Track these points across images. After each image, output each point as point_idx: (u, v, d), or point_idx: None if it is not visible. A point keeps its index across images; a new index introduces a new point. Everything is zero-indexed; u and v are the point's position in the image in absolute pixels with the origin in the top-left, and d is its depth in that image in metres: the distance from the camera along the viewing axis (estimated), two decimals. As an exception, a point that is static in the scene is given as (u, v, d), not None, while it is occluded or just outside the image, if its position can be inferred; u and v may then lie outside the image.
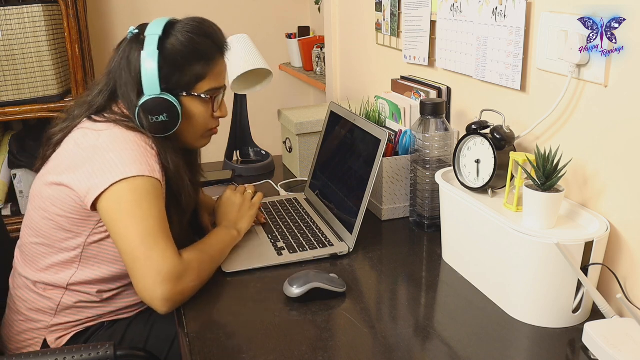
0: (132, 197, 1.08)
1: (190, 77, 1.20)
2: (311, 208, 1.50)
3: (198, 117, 1.24)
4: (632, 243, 1.01)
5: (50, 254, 1.20)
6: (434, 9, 1.53)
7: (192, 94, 1.21)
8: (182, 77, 1.19)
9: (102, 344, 1.03)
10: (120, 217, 1.08)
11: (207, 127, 1.27)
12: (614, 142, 1.02)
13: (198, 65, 1.21)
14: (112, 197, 1.09)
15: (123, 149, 1.11)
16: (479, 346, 0.96)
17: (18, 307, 1.24)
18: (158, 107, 1.16)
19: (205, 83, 1.22)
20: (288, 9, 3.15)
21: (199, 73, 1.21)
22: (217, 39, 1.25)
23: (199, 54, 1.21)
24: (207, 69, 1.22)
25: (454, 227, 1.19)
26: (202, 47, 1.21)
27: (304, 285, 1.09)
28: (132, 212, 1.08)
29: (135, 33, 1.21)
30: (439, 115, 1.33)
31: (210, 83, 1.23)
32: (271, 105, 2.76)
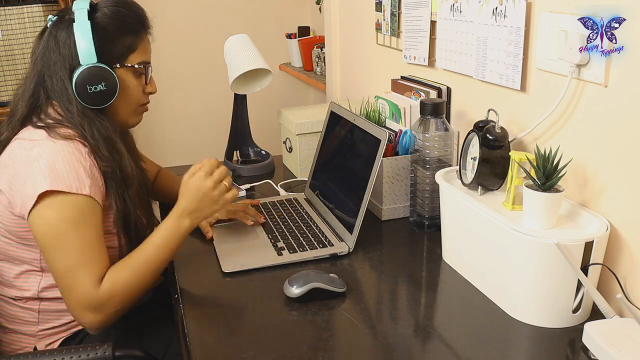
0: (59, 222, 1.09)
1: (121, 49, 1.21)
2: (311, 208, 1.50)
3: (132, 90, 1.24)
4: (632, 243, 1.01)
5: (12, 266, 1.20)
6: (434, 9, 1.53)
7: (125, 65, 1.22)
8: (114, 48, 1.20)
9: (101, 345, 1.03)
10: (46, 245, 1.10)
11: (139, 102, 1.28)
12: (614, 142, 1.02)
13: (128, 37, 1.22)
14: (41, 221, 1.09)
15: (55, 161, 1.10)
16: (479, 346, 0.96)
17: (1, 322, 1.23)
18: (96, 76, 1.16)
19: (136, 55, 1.24)
20: (288, 9, 3.15)
21: (130, 44, 1.22)
22: (141, 15, 1.27)
23: (128, 26, 1.22)
24: (136, 41, 1.24)
25: (454, 227, 1.19)
26: (130, 19, 1.23)
27: (304, 286, 1.09)
28: (59, 242, 1.09)
29: (57, 17, 1.22)
30: (439, 115, 1.33)
31: (140, 55, 1.25)
32: (271, 105, 2.76)
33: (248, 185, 1.70)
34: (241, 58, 1.73)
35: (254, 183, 1.73)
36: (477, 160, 1.14)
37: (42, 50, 1.20)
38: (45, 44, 1.20)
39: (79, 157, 1.13)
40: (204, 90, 3.03)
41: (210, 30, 2.95)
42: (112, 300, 1.09)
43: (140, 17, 1.26)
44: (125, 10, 1.23)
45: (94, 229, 1.12)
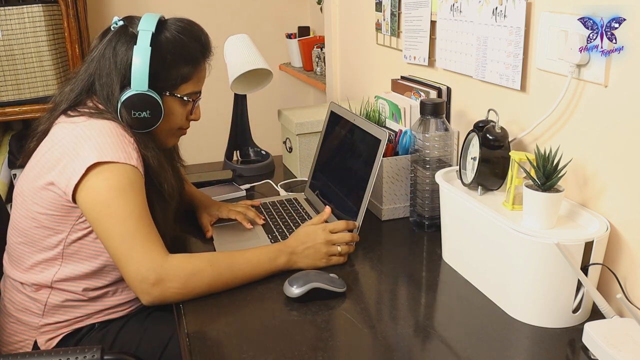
0: (108, 191, 1.08)
1: (175, 78, 1.21)
2: (311, 208, 1.50)
3: (175, 117, 1.25)
4: (632, 243, 1.01)
5: (33, 252, 1.20)
6: (434, 9, 1.53)
7: (175, 94, 1.22)
8: (168, 77, 1.20)
9: (90, 348, 1.03)
10: (99, 216, 1.09)
11: (179, 127, 1.29)
12: (614, 142, 1.02)
13: (185, 67, 1.22)
14: (90, 192, 1.09)
15: (99, 134, 1.12)
16: (479, 346, 0.96)
17: (8, 309, 1.24)
18: (143, 103, 1.17)
19: (189, 85, 1.24)
20: (288, 9, 3.15)
21: (185, 75, 1.22)
22: (205, 44, 1.27)
23: (188, 56, 1.22)
24: (192, 72, 1.23)
25: (454, 227, 1.19)
26: (191, 49, 1.23)
27: (304, 286, 1.09)
28: (110, 210, 1.08)
29: (122, 25, 1.22)
30: (439, 115, 1.33)
31: (192, 86, 1.25)
32: (271, 105, 2.76)
33: (248, 185, 1.71)
34: (241, 58, 1.73)
35: (254, 183, 1.73)
36: (477, 160, 1.14)
37: (98, 56, 1.20)
38: (103, 51, 1.20)
39: (123, 133, 1.14)
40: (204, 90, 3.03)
41: (210, 30, 2.94)
42: (174, 279, 1.07)
43: (202, 46, 1.25)
44: (189, 40, 1.22)
45: (143, 200, 1.11)
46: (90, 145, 1.10)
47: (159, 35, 1.20)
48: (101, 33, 1.24)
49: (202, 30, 1.28)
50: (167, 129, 1.26)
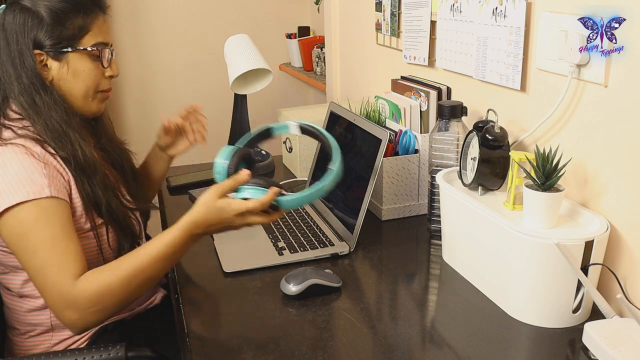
0: (20, 226, 1.05)
1: (73, 31, 1.17)
2: (311, 208, 1.50)
3: (87, 75, 1.20)
4: (632, 243, 1.01)
5: (15, 276, 1.18)
6: (434, 9, 1.53)
7: (77, 48, 1.18)
8: (64, 32, 1.17)
9: (113, 345, 1.03)
10: (15, 249, 1.07)
11: (97, 87, 1.23)
12: (614, 142, 1.02)
13: (79, 18, 1.18)
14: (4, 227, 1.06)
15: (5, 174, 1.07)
16: (479, 346, 0.96)
17: (20, 329, 1.22)
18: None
19: (90, 36, 1.20)
20: (288, 9, 3.15)
21: (82, 25, 1.18)
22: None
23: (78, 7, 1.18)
24: (88, 22, 1.19)
25: (454, 227, 1.19)
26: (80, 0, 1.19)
27: (302, 283, 1.09)
28: (22, 244, 1.06)
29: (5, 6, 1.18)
30: (457, 117, 1.30)
31: (95, 37, 1.20)
32: (271, 105, 2.76)
33: (248, 185, 1.70)
34: (241, 58, 1.73)
35: (254, 183, 1.73)
36: (477, 161, 1.14)
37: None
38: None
39: (30, 160, 1.08)
40: (204, 90, 3.03)
41: (210, 30, 2.95)
42: (86, 299, 1.03)
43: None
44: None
45: (61, 227, 1.07)
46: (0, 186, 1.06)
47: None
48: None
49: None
50: (84, 92, 1.21)
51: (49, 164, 1.10)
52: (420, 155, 1.43)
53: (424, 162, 1.43)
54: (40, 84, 1.15)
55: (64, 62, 1.18)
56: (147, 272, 1.06)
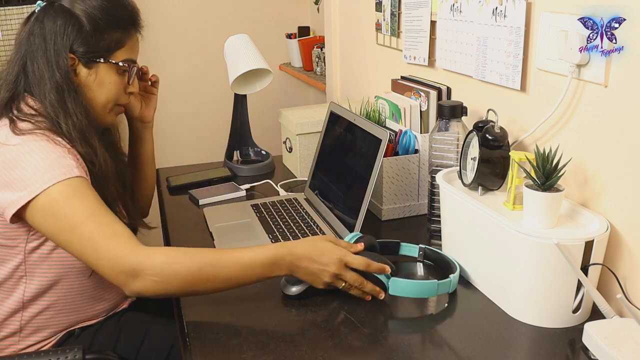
0: (55, 206, 1.05)
1: (109, 44, 1.20)
2: (311, 208, 1.50)
3: (112, 87, 1.22)
4: (632, 243, 1.01)
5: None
6: (434, 9, 1.53)
7: (109, 61, 1.21)
8: (100, 43, 1.19)
9: (71, 348, 1.03)
10: (56, 232, 1.06)
11: (117, 101, 1.26)
12: (614, 142, 1.02)
13: (116, 32, 1.21)
14: (38, 212, 1.06)
15: (35, 159, 1.07)
16: (479, 346, 0.96)
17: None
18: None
19: (123, 52, 1.22)
20: (288, 9, 3.15)
21: (118, 40, 1.21)
22: (132, 11, 1.26)
23: (118, 21, 1.21)
24: (124, 38, 1.22)
25: (454, 227, 1.19)
26: (120, 13, 1.22)
27: (302, 283, 1.09)
28: (61, 226, 1.05)
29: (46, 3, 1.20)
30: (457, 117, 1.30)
31: (127, 53, 1.23)
32: (271, 105, 2.76)
33: (248, 185, 1.70)
34: (241, 58, 1.73)
35: (254, 183, 1.73)
36: (476, 161, 1.14)
37: (27, 35, 1.17)
38: (31, 29, 1.17)
39: (54, 146, 1.09)
40: (204, 90, 3.03)
41: (210, 30, 2.95)
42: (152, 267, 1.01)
43: (130, 12, 1.24)
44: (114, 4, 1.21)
45: (95, 201, 1.07)
46: (28, 173, 1.06)
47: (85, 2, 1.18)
48: (25, 19, 1.22)
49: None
50: (104, 103, 1.23)
51: (71, 152, 1.12)
52: (420, 155, 1.43)
53: (424, 162, 1.43)
54: (71, 87, 1.17)
55: (94, 71, 1.20)
56: (218, 269, 1.03)
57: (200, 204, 1.60)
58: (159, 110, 1.51)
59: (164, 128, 2.99)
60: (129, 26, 1.24)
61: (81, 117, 1.17)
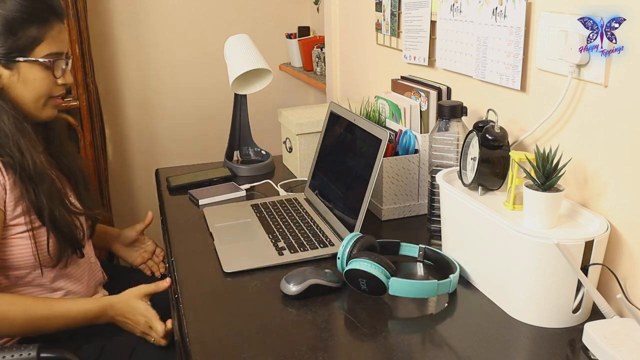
0: None
1: (25, 42, 1.17)
2: (311, 208, 1.50)
3: (38, 83, 1.20)
4: (632, 243, 1.01)
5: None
6: (434, 9, 1.53)
7: (29, 59, 1.18)
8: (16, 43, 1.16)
9: (26, 346, 1.04)
10: None
11: (48, 95, 1.24)
12: (614, 142, 1.02)
13: (32, 29, 1.17)
14: None
15: None
16: (479, 346, 0.96)
17: None
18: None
19: (44, 46, 1.19)
20: (288, 9, 3.15)
21: (35, 36, 1.18)
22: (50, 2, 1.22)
23: (32, 17, 1.17)
24: (42, 33, 1.19)
25: (454, 227, 1.19)
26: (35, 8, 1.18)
27: (302, 283, 1.09)
28: None
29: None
30: (457, 117, 1.30)
31: (49, 47, 1.20)
32: (271, 105, 2.76)
33: (248, 185, 1.71)
34: (241, 58, 1.73)
35: (254, 183, 1.73)
36: (476, 161, 1.14)
37: None
38: None
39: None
40: (204, 90, 3.03)
41: (211, 30, 2.95)
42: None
43: (46, 4, 1.20)
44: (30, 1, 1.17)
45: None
46: None
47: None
48: None
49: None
50: (34, 99, 1.21)
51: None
52: (420, 155, 1.43)
53: (424, 162, 1.43)
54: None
55: (15, 71, 1.18)
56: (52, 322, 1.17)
57: (200, 204, 1.60)
58: (159, 110, 1.52)
59: (164, 128, 3.00)
60: (47, 18, 1.19)
61: (7, 119, 1.15)
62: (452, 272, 1.13)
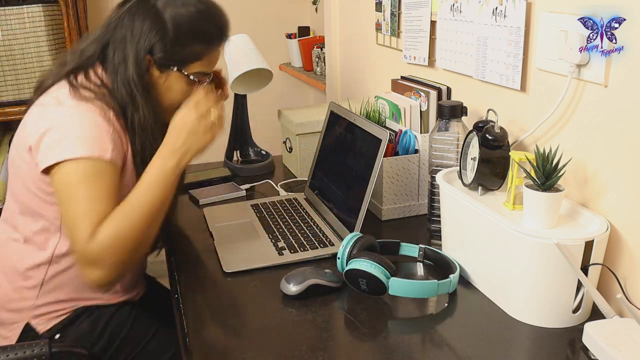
0: (73, 178, 1.09)
1: (187, 55, 1.20)
2: (311, 208, 1.50)
3: (178, 95, 1.23)
4: (632, 243, 1.01)
5: (33, 222, 1.20)
6: (434, 9, 1.53)
7: (182, 72, 1.21)
8: (179, 52, 1.19)
9: (37, 342, 1.06)
10: (60, 194, 1.11)
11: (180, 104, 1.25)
12: (614, 142, 1.02)
13: (198, 46, 1.21)
14: (57, 176, 1.10)
15: (78, 127, 1.11)
16: (479, 346, 0.96)
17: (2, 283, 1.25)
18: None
19: (198, 65, 1.22)
20: (288, 9, 3.15)
21: (197, 53, 1.21)
22: (222, 26, 1.26)
23: (202, 35, 1.21)
24: (204, 52, 1.22)
25: (454, 227, 1.19)
26: (208, 28, 1.22)
27: (302, 283, 1.09)
28: (67, 190, 1.10)
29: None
30: (457, 117, 1.30)
31: (202, 66, 1.23)
32: (271, 105, 2.75)
33: (248, 185, 1.71)
34: (241, 58, 1.73)
35: (254, 183, 1.73)
36: (476, 161, 1.14)
37: (116, 21, 1.19)
38: (122, 17, 1.19)
39: (102, 121, 1.12)
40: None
41: (210, 30, 2.95)
42: (106, 252, 1.07)
43: (219, 27, 1.24)
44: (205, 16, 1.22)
45: (107, 187, 1.11)
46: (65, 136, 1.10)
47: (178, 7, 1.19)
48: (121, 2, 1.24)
49: (221, 12, 1.27)
50: (169, 105, 1.24)
51: (116, 130, 1.14)
52: (420, 155, 1.43)
53: (424, 162, 1.43)
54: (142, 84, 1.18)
55: (165, 75, 1.21)
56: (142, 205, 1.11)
57: (200, 204, 1.60)
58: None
59: (164, 128, 3.00)
60: (213, 41, 1.23)
61: (148, 114, 1.18)
62: (452, 272, 1.13)
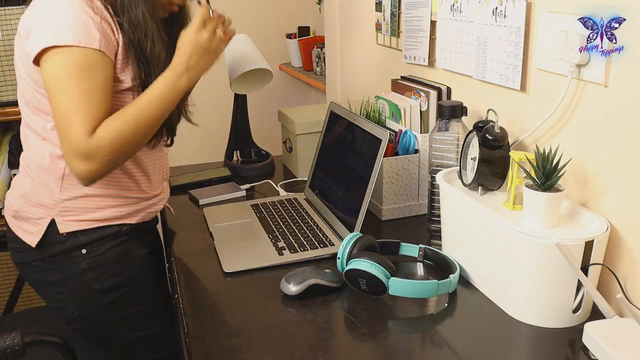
0: (62, 70, 1.08)
1: None
2: (311, 208, 1.50)
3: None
4: (632, 243, 1.01)
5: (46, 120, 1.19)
6: (434, 9, 1.53)
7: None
8: None
9: (9, 333, 1.08)
10: (49, 89, 1.10)
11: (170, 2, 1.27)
12: (614, 142, 1.02)
13: None
14: (46, 68, 1.10)
15: (62, 14, 1.09)
16: (479, 346, 0.96)
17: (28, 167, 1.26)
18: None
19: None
20: (288, 9, 3.15)
21: None
22: None
23: None
24: None
25: (454, 227, 1.19)
26: None
27: (302, 283, 1.09)
28: (57, 86, 1.09)
29: None
30: (457, 117, 1.30)
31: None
32: (271, 105, 2.76)
33: (248, 185, 1.71)
34: (241, 58, 1.73)
35: (254, 183, 1.73)
36: (476, 161, 1.14)
37: None
38: None
39: (89, 11, 1.11)
40: (204, 90, 3.03)
41: (210, 30, 2.95)
42: (102, 149, 1.08)
43: None
44: None
45: (99, 81, 1.10)
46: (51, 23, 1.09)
47: None
48: None
49: None
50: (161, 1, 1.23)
51: (105, 20, 1.13)
52: (420, 155, 1.43)
53: (424, 162, 1.43)
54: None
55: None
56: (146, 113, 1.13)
57: (200, 204, 1.60)
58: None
59: (164, 128, 3.00)
60: None
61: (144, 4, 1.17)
62: (452, 272, 1.13)
